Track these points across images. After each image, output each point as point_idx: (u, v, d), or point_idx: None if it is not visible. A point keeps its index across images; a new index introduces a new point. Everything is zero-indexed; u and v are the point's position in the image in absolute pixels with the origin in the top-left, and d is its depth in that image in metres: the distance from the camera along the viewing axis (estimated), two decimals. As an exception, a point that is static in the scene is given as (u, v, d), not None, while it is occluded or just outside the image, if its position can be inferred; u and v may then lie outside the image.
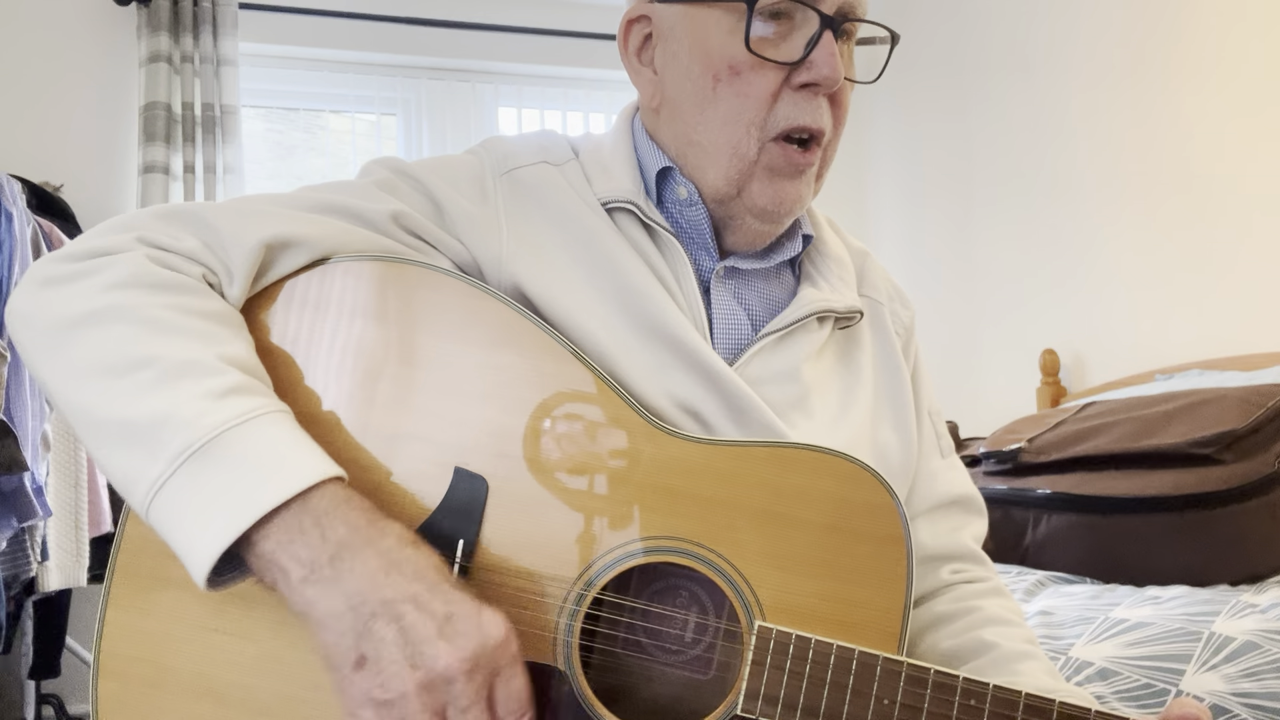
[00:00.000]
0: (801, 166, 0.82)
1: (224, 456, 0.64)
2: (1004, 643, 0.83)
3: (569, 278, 0.81)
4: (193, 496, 0.64)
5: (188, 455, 0.64)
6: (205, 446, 0.64)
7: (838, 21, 0.79)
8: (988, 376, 2.92)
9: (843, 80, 0.81)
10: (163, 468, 0.64)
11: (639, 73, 0.87)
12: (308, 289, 0.78)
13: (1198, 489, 1.56)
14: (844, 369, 0.88)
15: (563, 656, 0.72)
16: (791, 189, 0.82)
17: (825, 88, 0.80)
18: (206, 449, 0.64)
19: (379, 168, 0.85)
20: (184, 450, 0.64)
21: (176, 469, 0.64)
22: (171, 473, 0.64)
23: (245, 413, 0.66)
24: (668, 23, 0.84)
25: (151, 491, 0.64)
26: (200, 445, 0.64)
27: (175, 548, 0.65)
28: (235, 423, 0.65)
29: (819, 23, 0.78)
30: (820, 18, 0.78)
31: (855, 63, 0.86)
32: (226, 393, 0.66)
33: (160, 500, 0.64)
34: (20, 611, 2.33)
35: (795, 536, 0.72)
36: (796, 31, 0.79)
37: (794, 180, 0.82)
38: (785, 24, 0.79)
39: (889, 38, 0.86)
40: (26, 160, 2.72)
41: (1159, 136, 2.33)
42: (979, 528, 0.96)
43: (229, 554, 0.64)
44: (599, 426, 0.75)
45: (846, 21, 0.80)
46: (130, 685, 0.72)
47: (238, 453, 0.64)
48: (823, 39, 0.78)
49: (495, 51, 3.24)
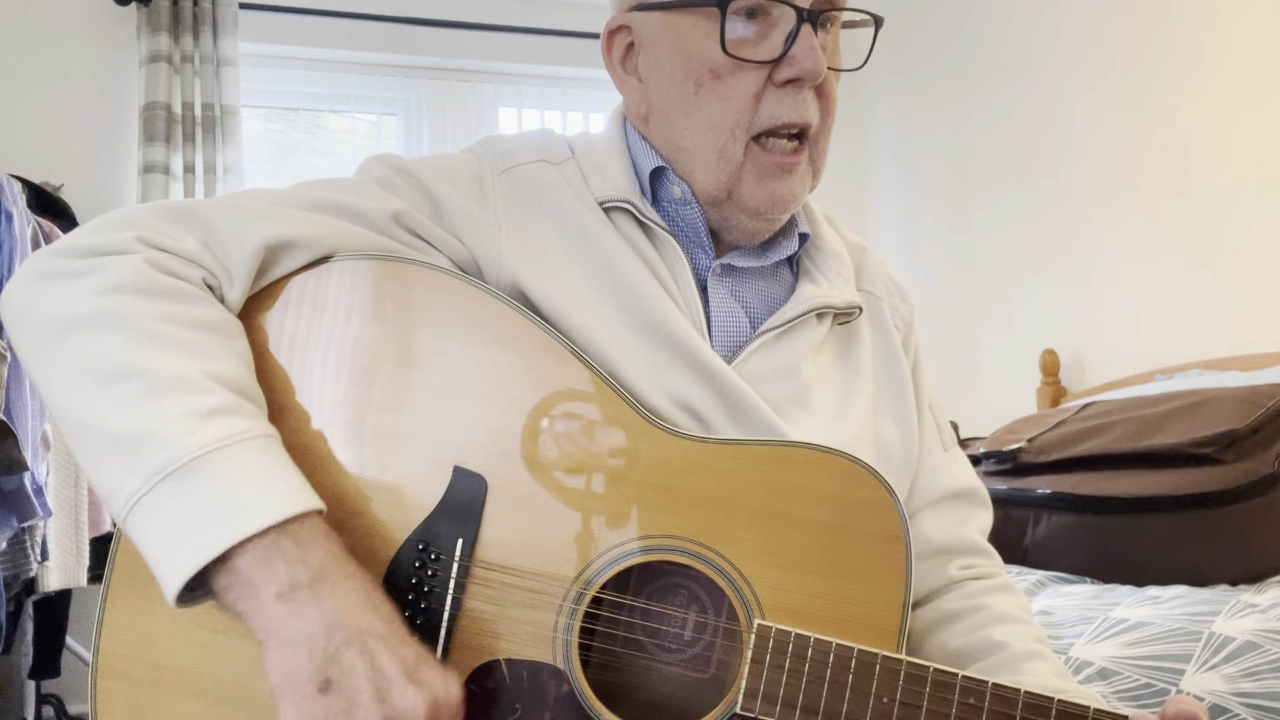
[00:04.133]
0: (789, 165, 0.82)
1: (203, 480, 0.64)
2: (1013, 642, 0.82)
3: (568, 276, 0.81)
4: (168, 515, 0.63)
5: (166, 474, 0.63)
6: (185, 467, 0.64)
7: (815, 13, 0.79)
8: (988, 376, 2.92)
9: (826, 71, 0.81)
10: (140, 483, 0.64)
11: (624, 81, 0.87)
12: (307, 288, 0.78)
13: (1198, 489, 1.56)
14: (844, 365, 0.88)
15: (561, 655, 0.72)
16: (783, 187, 0.82)
17: (808, 81, 0.79)
18: (186, 469, 0.64)
19: (378, 165, 0.85)
20: (163, 468, 0.63)
21: (154, 486, 0.63)
22: (149, 489, 0.63)
23: (228, 436, 0.65)
24: (648, 31, 0.84)
25: (129, 504, 0.64)
26: (180, 465, 0.63)
27: (149, 562, 0.65)
28: (217, 446, 0.64)
29: (796, 17, 0.78)
30: (796, 11, 0.78)
31: (840, 50, 0.86)
32: (211, 413, 0.66)
33: (137, 514, 0.64)
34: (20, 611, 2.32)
35: (794, 535, 0.72)
36: (775, 28, 0.79)
37: (785, 179, 0.82)
38: (763, 22, 0.79)
39: (871, 21, 0.86)
40: (26, 160, 2.72)
41: (1159, 136, 2.33)
42: (984, 520, 0.95)
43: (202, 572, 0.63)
44: (598, 425, 0.75)
45: (824, 11, 0.80)
46: (129, 684, 0.72)
47: (217, 477, 0.64)
48: (801, 33, 0.78)
49: (495, 51, 3.24)
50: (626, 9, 0.85)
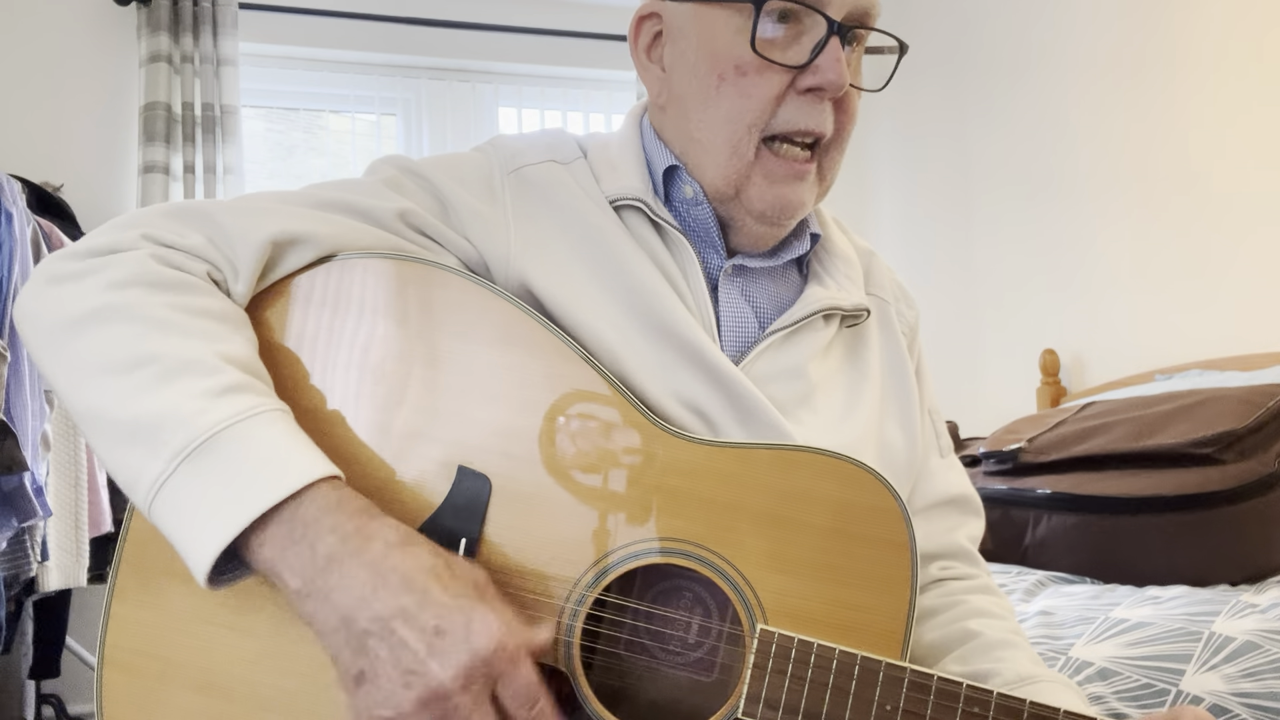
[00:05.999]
0: (800, 172, 0.82)
1: (221, 455, 0.64)
2: (987, 631, 0.84)
3: (576, 276, 0.81)
4: (192, 495, 0.64)
5: (187, 453, 0.64)
6: (203, 445, 0.64)
7: (845, 27, 0.79)
8: (988, 376, 2.92)
9: (848, 86, 0.81)
10: (163, 466, 0.64)
11: (647, 69, 0.87)
12: (313, 286, 0.78)
13: (1198, 489, 1.56)
14: (851, 367, 0.89)
15: (564, 657, 0.72)
16: (791, 193, 0.82)
17: (830, 93, 0.80)
18: (204, 447, 0.64)
19: (386, 166, 0.85)
20: (183, 448, 0.64)
21: (177, 467, 0.64)
22: (172, 471, 0.64)
23: (242, 411, 0.66)
24: (677, 21, 0.84)
25: (153, 490, 0.65)
26: (199, 443, 0.64)
27: (177, 546, 0.65)
28: (231, 421, 0.65)
29: (826, 27, 0.78)
30: (827, 22, 0.78)
31: (864, 70, 0.86)
32: (224, 391, 0.66)
33: (162, 498, 0.65)
34: (20, 611, 2.33)
35: (798, 539, 0.72)
36: (804, 35, 0.79)
37: (793, 185, 0.82)
38: (793, 27, 0.79)
39: (897, 48, 0.86)
40: (26, 160, 2.72)
41: (1159, 137, 2.33)
42: (975, 528, 0.96)
43: (231, 550, 0.64)
44: (603, 427, 0.75)
45: (854, 28, 0.80)
46: (135, 678, 0.72)
47: (233, 451, 0.65)
48: (829, 44, 0.78)
49: (495, 51, 3.24)
50: None
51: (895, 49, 0.86)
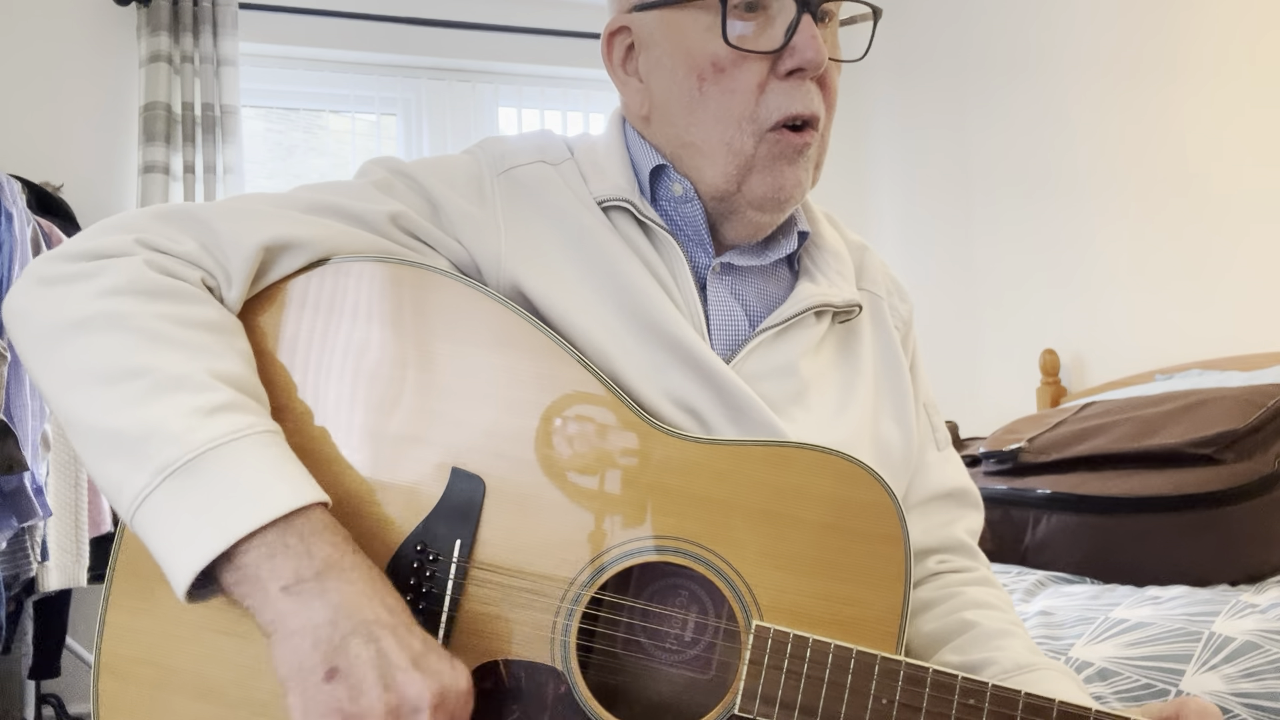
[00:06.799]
0: (800, 147, 0.82)
1: (208, 475, 0.64)
2: (985, 621, 0.84)
3: (567, 277, 0.81)
4: (175, 511, 0.64)
5: (172, 470, 0.64)
6: (190, 463, 0.64)
7: (814, 4, 0.79)
8: (988, 376, 2.92)
9: (828, 62, 0.81)
10: (147, 480, 0.64)
11: (625, 83, 0.87)
12: (305, 290, 0.78)
13: (1198, 489, 1.56)
14: (843, 363, 0.88)
15: (560, 656, 0.71)
16: (790, 174, 0.82)
17: (811, 71, 0.80)
18: (191, 465, 0.64)
19: (376, 168, 0.85)
20: (169, 464, 0.64)
21: (161, 482, 0.64)
22: (156, 485, 0.64)
23: (232, 432, 0.66)
24: (647, 30, 0.84)
25: (136, 502, 0.65)
26: (185, 461, 0.64)
27: (158, 559, 0.65)
28: (221, 441, 0.65)
29: (795, 8, 0.79)
30: (796, 3, 0.78)
31: (840, 43, 0.86)
32: (215, 410, 0.66)
33: (144, 512, 0.65)
34: (20, 611, 2.32)
35: (793, 536, 0.72)
36: (774, 21, 0.79)
37: (793, 164, 0.82)
38: (762, 15, 0.80)
39: (870, 13, 0.86)
40: (26, 160, 2.72)
41: (1158, 137, 2.33)
42: (973, 521, 0.95)
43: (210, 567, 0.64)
44: (597, 427, 0.75)
45: (824, 2, 0.80)
46: (131, 685, 0.72)
47: (222, 472, 0.65)
48: (801, 23, 0.79)
49: (495, 51, 3.24)
50: (625, 10, 0.85)
51: (869, 16, 0.86)
